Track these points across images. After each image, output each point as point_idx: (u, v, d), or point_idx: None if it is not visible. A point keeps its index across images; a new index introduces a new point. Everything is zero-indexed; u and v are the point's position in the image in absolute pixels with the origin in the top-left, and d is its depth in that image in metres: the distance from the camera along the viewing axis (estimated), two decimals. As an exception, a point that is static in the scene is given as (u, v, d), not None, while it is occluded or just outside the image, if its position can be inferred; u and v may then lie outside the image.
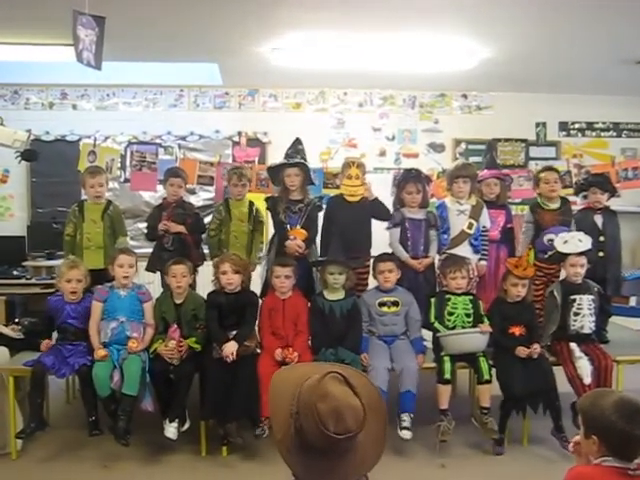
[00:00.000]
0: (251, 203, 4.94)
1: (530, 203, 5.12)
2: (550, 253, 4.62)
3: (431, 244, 4.72)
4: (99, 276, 4.37)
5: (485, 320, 4.25)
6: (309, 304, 4.36)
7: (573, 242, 4.37)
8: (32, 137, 5.70)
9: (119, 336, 4.05)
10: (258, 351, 4.18)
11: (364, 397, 1.58)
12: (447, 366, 4.11)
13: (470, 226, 4.70)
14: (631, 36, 5.25)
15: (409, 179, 4.73)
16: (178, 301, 4.22)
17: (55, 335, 4.23)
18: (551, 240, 4.66)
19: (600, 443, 1.93)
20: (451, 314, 4.30)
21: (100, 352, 3.91)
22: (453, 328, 4.24)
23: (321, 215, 4.79)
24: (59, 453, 4.06)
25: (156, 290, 4.55)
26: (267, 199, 4.87)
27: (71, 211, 4.82)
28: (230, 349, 3.96)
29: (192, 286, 4.48)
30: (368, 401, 1.60)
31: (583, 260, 4.34)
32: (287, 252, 4.53)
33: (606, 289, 4.66)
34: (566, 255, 4.37)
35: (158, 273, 4.76)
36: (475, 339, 4.17)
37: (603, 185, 4.92)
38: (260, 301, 4.41)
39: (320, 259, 4.61)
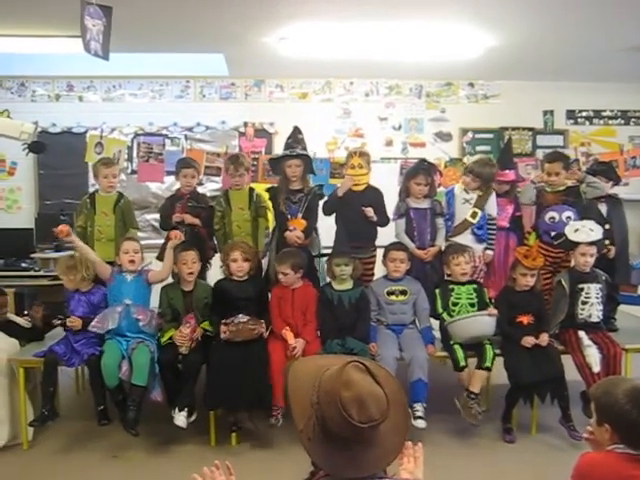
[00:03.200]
0: (251, 190, 4.88)
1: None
2: (556, 237, 4.60)
3: (438, 232, 4.70)
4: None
5: (491, 306, 4.25)
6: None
7: (584, 231, 4.34)
8: (39, 129, 5.72)
9: (127, 320, 4.06)
10: (264, 335, 4.17)
11: (386, 387, 1.57)
12: (460, 354, 4.10)
13: (474, 215, 4.68)
14: (638, 22, 5.20)
15: (420, 170, 4.70)
16: (187, 289, 4.24)
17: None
18: (552, 218, 4.63)
19: (613, 431, 1.93)
20: (455, 304, 4.31)
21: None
22: (458, 319, 4.25)
23: (322, 203, 4.77)
24: (69, 443, 4.08)
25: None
26: (268, 190, 4.85)
27: (82, 202, 4.83)
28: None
29: (203, 278, 4.50)
30: (389, 391, 1.58)
31: (593, 249, 4.33)
32: (287, 243, 4.53)
33: (614, 277, 4.64)
34: (576, 243, 4.36)
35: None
36: (483, 322, 4.16)
37: (607, 174, 4.89)
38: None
39: (324, 252, 4.62)
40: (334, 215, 4.73)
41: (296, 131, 4.74)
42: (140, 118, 7.23)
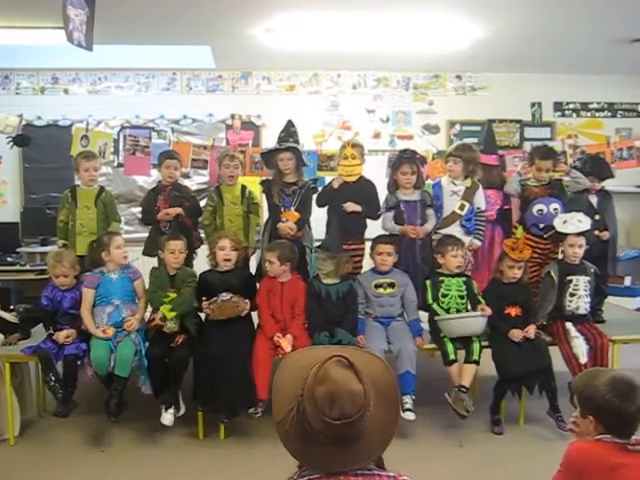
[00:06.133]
0: (243, 186, 4.89)
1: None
2: (545, 229, 4.61)
3: (428, 220, 4.67)
4: (91, 262, 4.35)
5: (481, 301, 4.25)
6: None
7: (573, 222, 4.36)
8: (24, 122, 5.67)
9: (115, 319, 4.05)
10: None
11: (370, 382, 1.52)
12: (450, 347, 4.10)
13: (462, 207, 4.68)
14: (626, 14, 5.21)
15: (404, 160, 4.70)
16: (172, 273, 4.26)
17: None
18: (540, 211, 4.65)
19: (597, 422, 1.95)
20: (445, 296, 4.30)
21: (106, 331, 3.96)
22: (447, 310, 4.24)
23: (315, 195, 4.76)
24: (57, 438, 4.05)
25: (145, 270, 4.51)
26: (262, 182, 4.84)
27: (63, 196, 4.78)
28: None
29: (189, 266, 4.51)
30: (378, 386, 1.55)
31: (582, 240, 4.34)
32: (280, 234, 4.52)
33: (603, 269, 4.66)
34: (565, 235, 4.36)
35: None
36: (477, 322, 4.15)
37: (601, 174, 4.93)
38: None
39: (316, 245, 4.62)
40: (326, 208, 4.73)
41: (289, 124, 4.75)
42: (126, 111, 7.17)
